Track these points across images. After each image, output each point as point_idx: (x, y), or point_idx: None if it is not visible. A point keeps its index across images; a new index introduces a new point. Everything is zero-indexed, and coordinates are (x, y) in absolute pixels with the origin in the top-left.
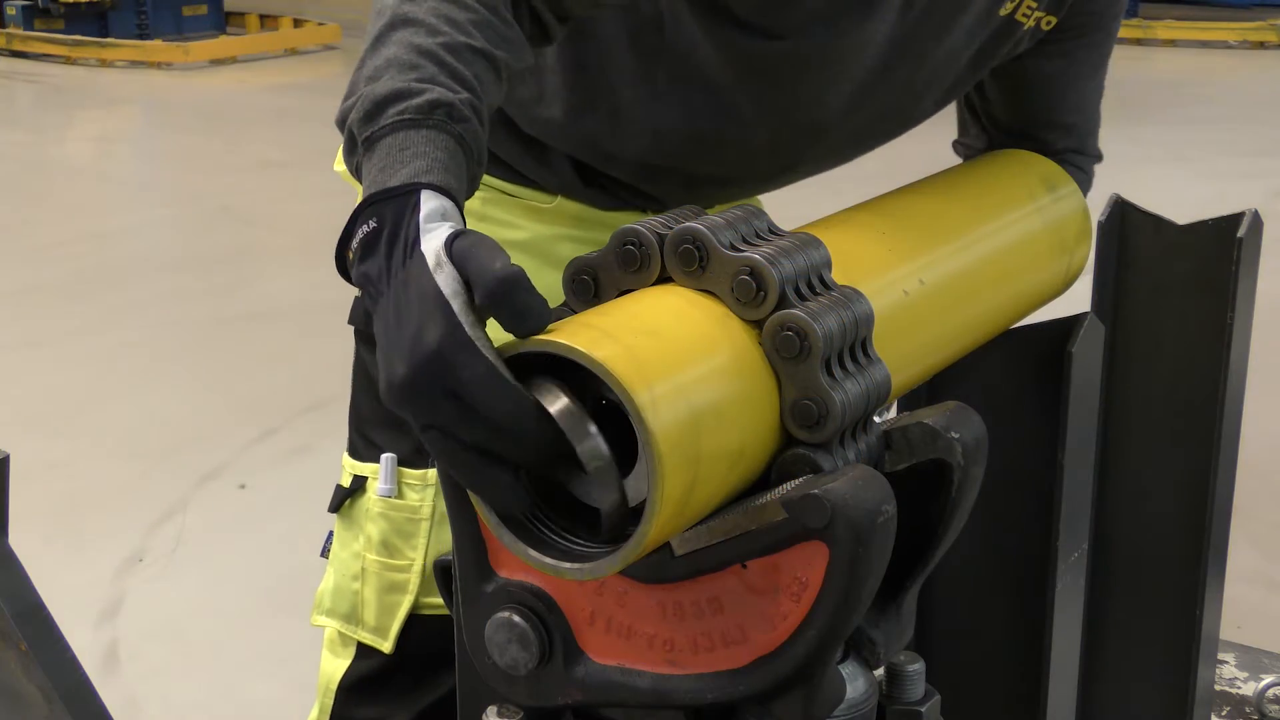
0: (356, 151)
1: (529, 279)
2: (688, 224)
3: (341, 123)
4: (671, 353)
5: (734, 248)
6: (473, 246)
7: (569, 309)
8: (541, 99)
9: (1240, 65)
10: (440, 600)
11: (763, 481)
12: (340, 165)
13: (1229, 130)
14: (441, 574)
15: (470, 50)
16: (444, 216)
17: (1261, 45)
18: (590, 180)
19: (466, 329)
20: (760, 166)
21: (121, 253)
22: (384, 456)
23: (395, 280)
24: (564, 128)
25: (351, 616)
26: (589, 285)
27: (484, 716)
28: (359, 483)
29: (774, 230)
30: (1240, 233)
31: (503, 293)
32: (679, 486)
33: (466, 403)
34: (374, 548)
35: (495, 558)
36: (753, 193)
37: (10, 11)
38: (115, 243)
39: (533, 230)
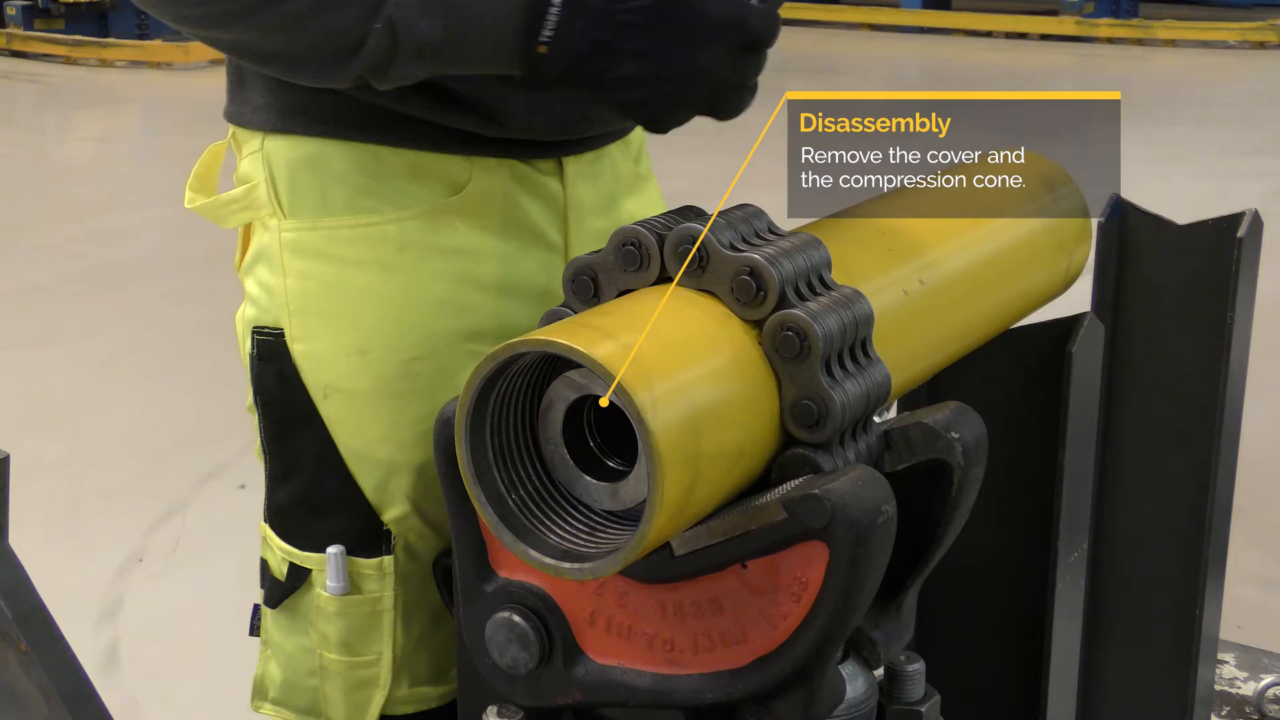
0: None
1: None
2: (688, 224)
3: None
4: (671, 353)
5: (734, 248)
6: None
7: (569, 309)
8: None
9: (1240, 65)
10: (418, 691)
11: (763, 481)
12: (194, 203)
13: (1229, 130)
14: (442, 574)
15: None
16: None
17: (1261, 45)
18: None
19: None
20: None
21: (121, 253)
22: (330, 552)
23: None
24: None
25: (312, 710)
26: (589, 285)
27: (484, 716)
28: (300, 576)
29: (774, 230)
30: (1240, 233)
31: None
32: (679, 486)
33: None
34: (333, 647)
35: (495, 558)
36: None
37: (10, 11)
38: (115, 243)
39: (464, 251)
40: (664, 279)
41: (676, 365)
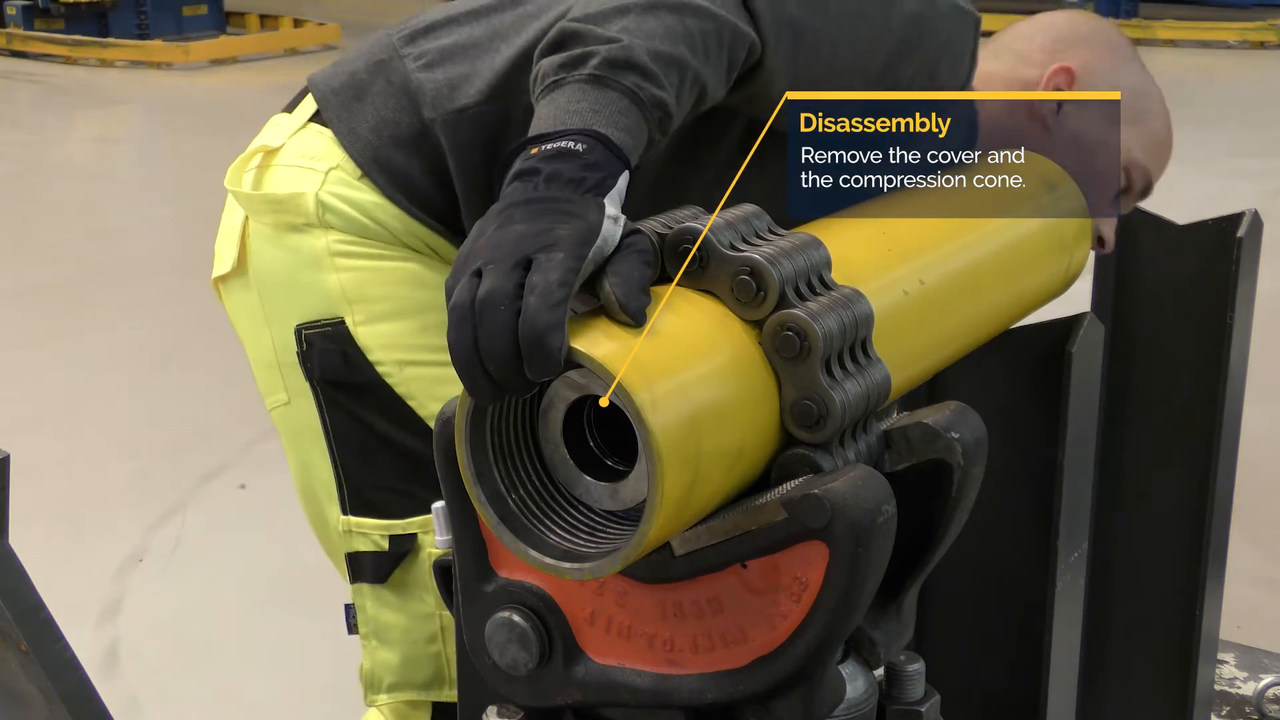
0: (575, 71)
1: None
2: (688, 224)
3: (579, 38)
4: (671, 353)
5: (734, 248)
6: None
7: (569, 309)
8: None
9: (1240, 65)
10: None
11: (763, 481)
12: (234, 185)
13: (1229, 130)
14: (441, 574)
15: (700, 79)
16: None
17: (1261, 45)
18: None
19: (585, 258)
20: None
21: (121, 253)
22: (436, 507)
23: (571, 188)
24: None
25: (436, 680)
26: (589, 285)
27: (484, 716)
28: (405, 543)
29: (774, 230)
30: (1240, 233)
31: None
32: (679, 486)
33: (529, 276)
34: None
35: (495, 558)
36: None
37: (10, 11)
38: (115, 243)
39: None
40: (664, 279)
41: (676, 365)
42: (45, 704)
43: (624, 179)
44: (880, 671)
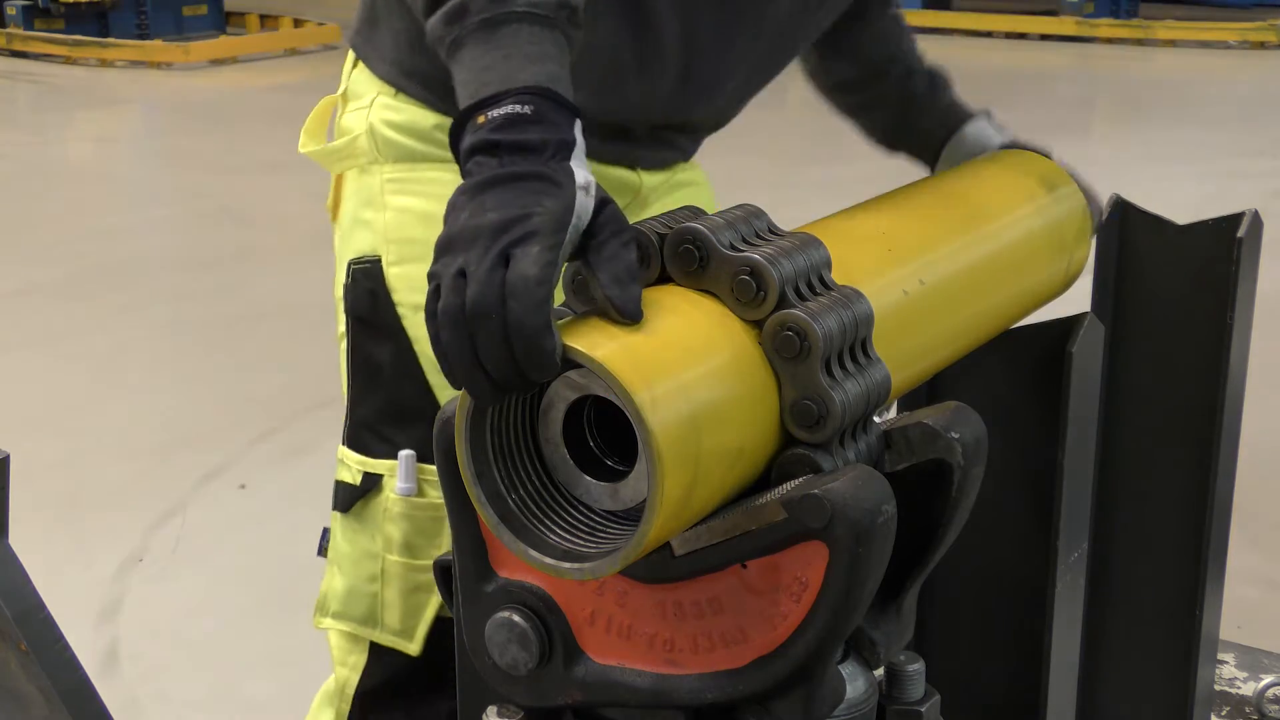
0: (462, 24)
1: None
2: (687, 224)
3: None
4: (671, 353)
5: (734, 248)
6: (610, 197)
7: (569, 309)
8: None
9: (1240, 65)
10: None
11: (763, 481)
12: (308, 147)
13: (1229, 130)
14: (441, 574)
15: None
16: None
17: (1261, 45)
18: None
19: (564, 240)
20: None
21: (121, 253)
22: (403, 454)
23: (534, 160)
24: None
25: (370, 619)
26: (589, 285)
27: (484, 716)
28: (372, 481)
29: (774, 230)
30: (1240, 233)
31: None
32: (679, 486)
33: (509, 275)
34: (395, 549)
35: (495, 558)
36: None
37: (10, 11)
38: (115, 243)
39: None
40: (664, 279)
41: (676, 365)
42: (45, 704)
43: (579, 128)
44: (880, 671)
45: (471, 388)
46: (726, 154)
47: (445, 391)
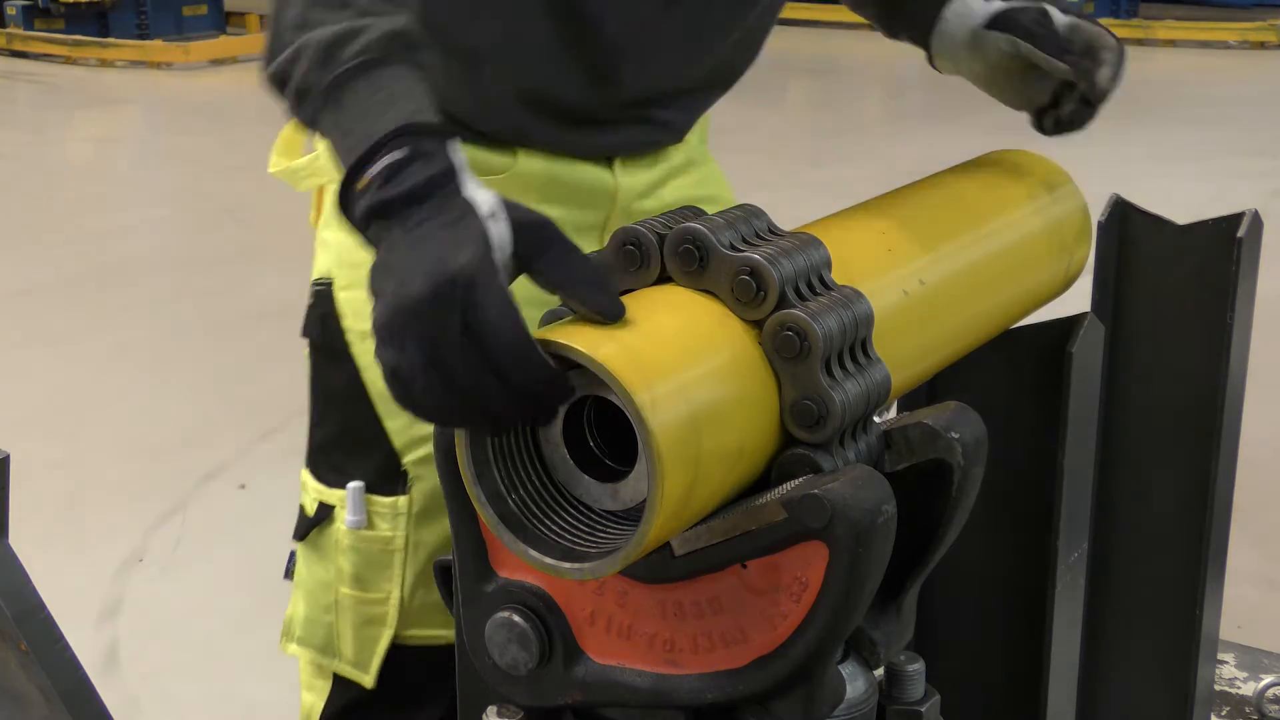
0: (308, 104)
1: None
2: (687, 224)
3: (280, 80)
4: (671, 353)
5: (734, 248)
6: (527, 210)
7: (569, 309)
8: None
9: (1240, 65)
10: (422, 631)
11: (763, 481)
12: (277, 166)
13: (1229, 130)
14: (441, 574)
15: None
16: (472, 171)
17: (1261, 45)
18: (542, 109)
19: (500, 275)
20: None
21: (121, 253)
22: (350, 486)
23: (431, 206)
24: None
25: (327, 648)
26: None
27: (484, 716)
28: (325, 511)
29: (774, 230)
30: (1240, 233)
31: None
32: (679, 486)
33: (476, 332)
34: (346, 581)
35: (495, 558)
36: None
37: (10, 11)
38: (115, 243)
39: None
40: (664, 279)
41: (676, 365)
42: (45, 704)
43: (456, 150)
44: (880, 671)
45: (480, 432)
46: (726, 154)
47: (393, 421)
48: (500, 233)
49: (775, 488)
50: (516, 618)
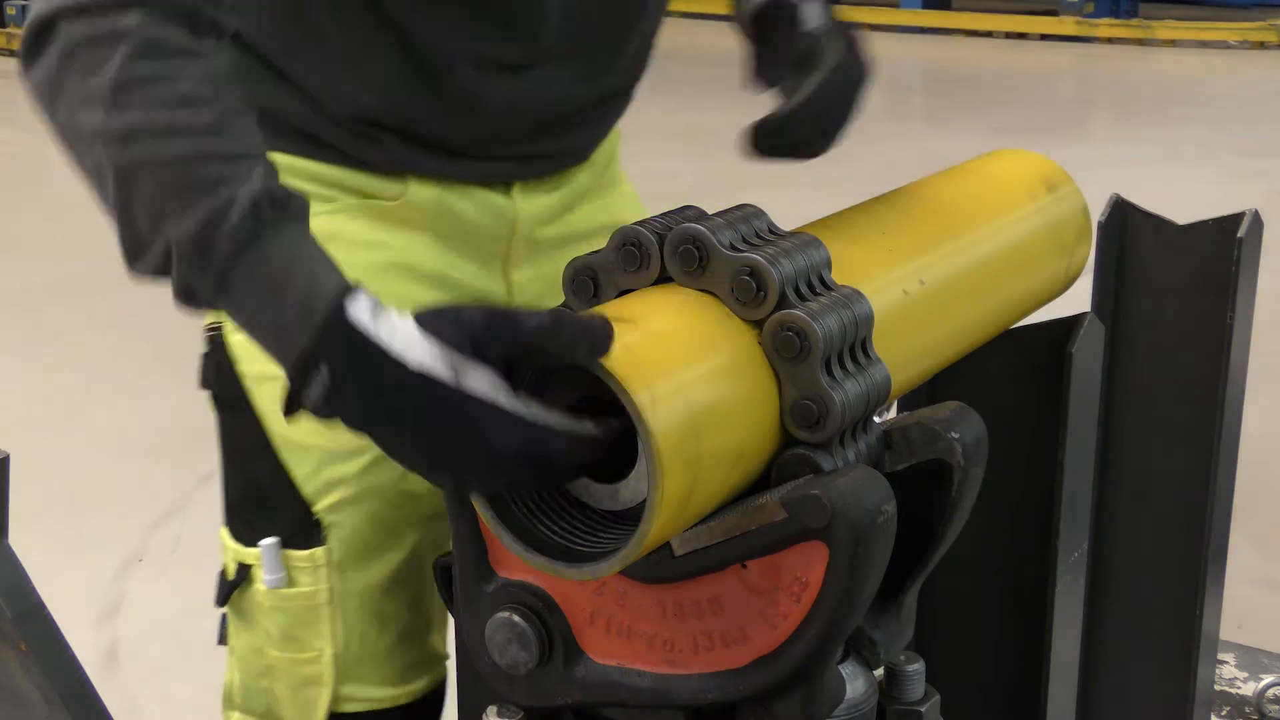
0: (198, 301)
1: (566, 310)
2: (688, 224)
3: (155, 275)
4: (671, 353)
5: (734, 248)
6: (478, 322)
7: (569, 309)
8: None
9: (1240, 65)
10: (363, 689)
11: (763, 481)
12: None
13: (1229, 130)
14: (442, 574)
15: (200, 103)
16: (381, 308)
17: (1261, 45)
18: (417, 142)
19: (523, 413)
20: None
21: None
22: (264, 544)
23: (411, 412)
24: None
25: (268, 714)
26: (589, 285)
27: (484, 716)
28: (245, 571)
29: (774, 230)
30: (1240, 233)
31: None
32: (679, 486)
33: (545, 466)
34: (275, 643)
35: (495, 558)
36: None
37: (10, 11)
38: (115, 243)
39: (395, 244)
40: (664, 279)
41: (676, 365)
42: (45, 704)
43: (354, 299)
44: (880, 671)
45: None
46: (726, 153)
47: (300, 468)
48: (482, 380)
49: (775, 488)
50: (516, 618)
